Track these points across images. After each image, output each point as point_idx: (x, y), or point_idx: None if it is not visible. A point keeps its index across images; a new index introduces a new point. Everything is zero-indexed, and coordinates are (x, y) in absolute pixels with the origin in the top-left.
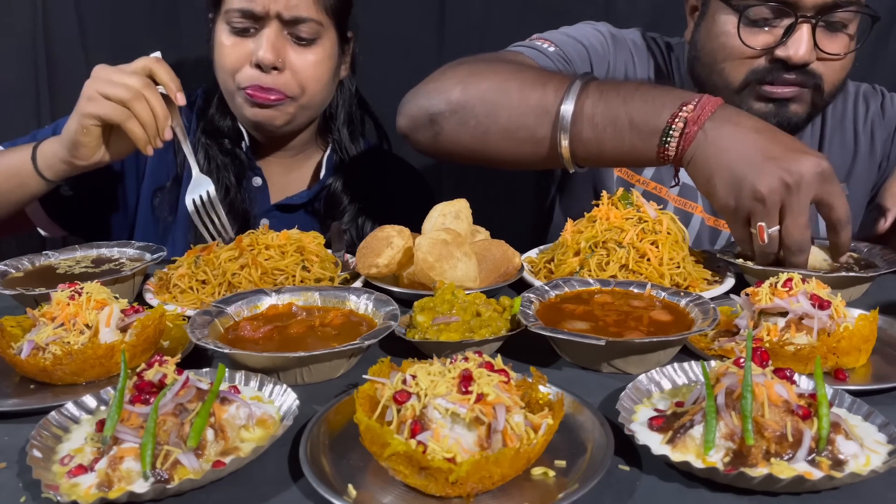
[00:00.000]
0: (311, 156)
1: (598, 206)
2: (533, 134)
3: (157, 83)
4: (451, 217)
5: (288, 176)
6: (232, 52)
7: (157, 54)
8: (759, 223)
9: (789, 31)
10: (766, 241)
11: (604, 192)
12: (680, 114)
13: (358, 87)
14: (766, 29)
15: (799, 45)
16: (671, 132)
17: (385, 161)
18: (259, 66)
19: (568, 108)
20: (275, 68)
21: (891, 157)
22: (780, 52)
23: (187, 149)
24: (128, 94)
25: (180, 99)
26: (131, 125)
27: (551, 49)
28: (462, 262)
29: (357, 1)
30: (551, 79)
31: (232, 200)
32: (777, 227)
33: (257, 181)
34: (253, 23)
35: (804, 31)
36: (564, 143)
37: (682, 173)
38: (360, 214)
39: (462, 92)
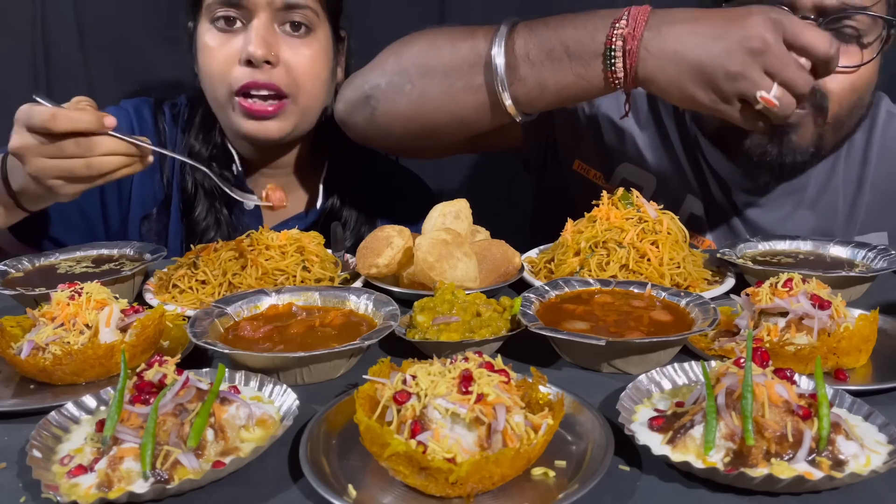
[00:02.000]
0: (306, 174)
1: (598, 205)
2: (469, 84)
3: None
4: (451, 217)
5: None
6: (219, 53)
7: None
8: (759, 95)
9: None
10: (778, 103)
11: (604, 193)
12: (615, 32)
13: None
14: None
15: None
16: (613, 53)
17: (383, 166)
18: (250, 63)
19: (499, 50)
20: (267, 62)
21: None
22: None
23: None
24: (88, 170)
25: (109, 123)
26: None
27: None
28: (462, 262)
29: (356, 1)
30: (479, 28)
31: (223, 230)
32: (776, 87)
33: (249, 204)
34: (238, 12)
35: None
36: (502, 88)
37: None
38: (362, 221)
39: (395, 60)
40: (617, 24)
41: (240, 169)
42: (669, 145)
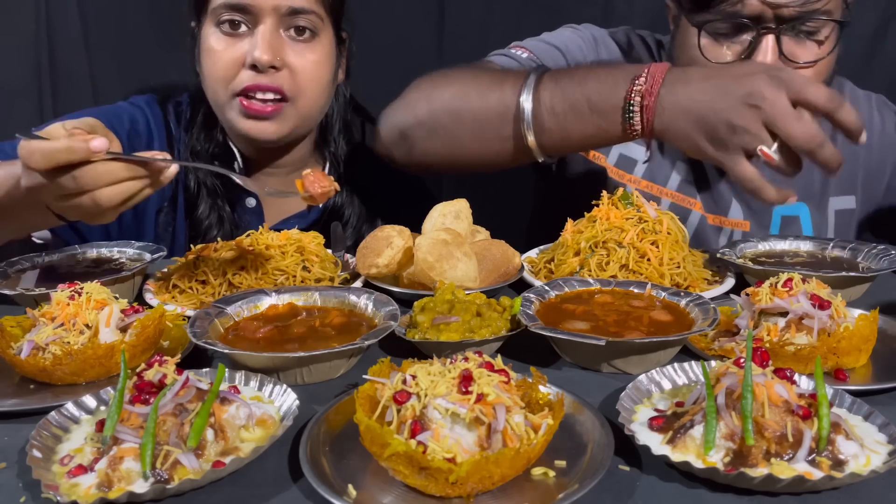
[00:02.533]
0: (304, 151)
1: (597, 205)
2: (499, 133)
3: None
4: (451, 217)
5: (282, 201)
6: (224, 56)
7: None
8: (758, 149)
9: (754, 43)
10: (776, 157)
11: (604, 193)
12: (634, 88)
13: (353, 92)
14: (731, 43)
15: (762, 57)
16: (631, 108)
17: (384, 166)
18: (255, 67)
19: (527, 103)
20: (273, 67)
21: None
22: None
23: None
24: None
25: (96, 147)
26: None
27: (524, 55)
28: (462, 262)
29: (356, 1)
30: (507, 77)
31: (226, 227)
32: (775, 144)
33: (251, 202)
34: (244, 17)
35: (767, 42)
36: (530, 137)
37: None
38: (362, 220)
39: (427, 104)
40: (637, 81)
41: (241, 167)
42: None
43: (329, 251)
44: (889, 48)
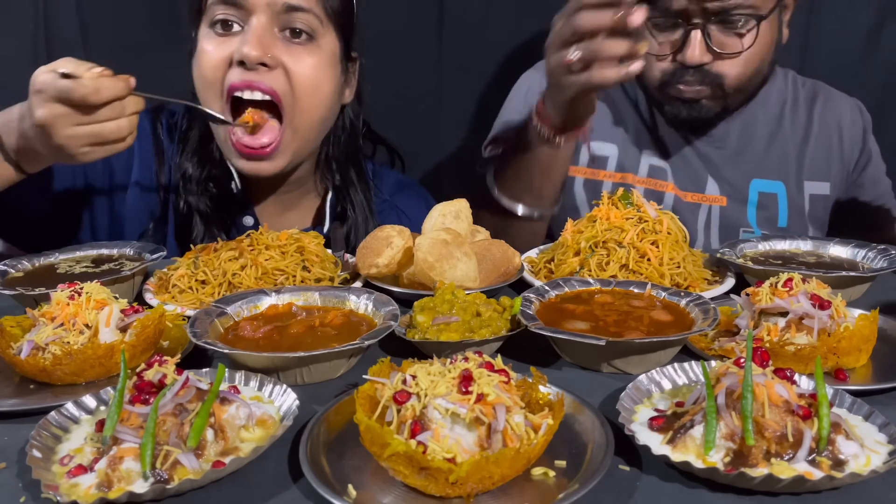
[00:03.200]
0: (308, 192)
1: (598, 205)
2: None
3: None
4: (451, 217)
5: (283, 216)
6: (213, 55)
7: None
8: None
9: (684, 36)
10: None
11: (604, 193)
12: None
13: (362, 121)
14: (667, 36)
15: (691, 50)
16: (539, 128)
17: (389, 181)
18: (242, 64)
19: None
20: (263, 65)
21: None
22: (679, 57)
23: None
24: (120, 129)
25: (133, 83)
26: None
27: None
28: (462, 262)
29: (363, 25)
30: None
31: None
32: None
33: (248, 221)
34: (238, 15)
35: (695, 36)
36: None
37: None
38: (366, 226)
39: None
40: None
41: (239, 187)
42: (621, 113)
43: (329, 251)
44: (884, 48)
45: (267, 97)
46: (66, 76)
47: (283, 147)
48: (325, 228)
